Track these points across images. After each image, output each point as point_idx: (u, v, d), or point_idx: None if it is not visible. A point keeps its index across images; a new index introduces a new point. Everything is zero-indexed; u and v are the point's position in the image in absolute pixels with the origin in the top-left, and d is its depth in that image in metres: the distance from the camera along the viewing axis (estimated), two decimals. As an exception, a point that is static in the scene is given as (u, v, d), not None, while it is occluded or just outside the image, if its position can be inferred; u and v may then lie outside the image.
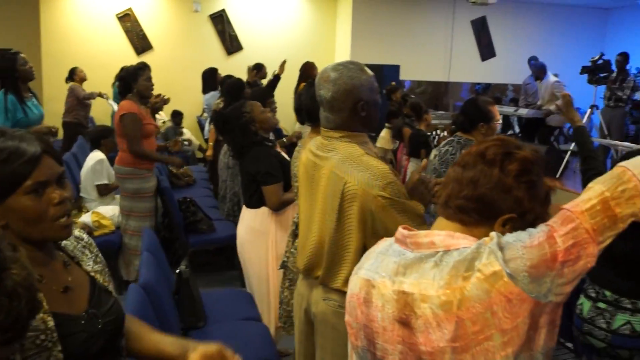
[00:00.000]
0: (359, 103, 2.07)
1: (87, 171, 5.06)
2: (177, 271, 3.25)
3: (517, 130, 9.95)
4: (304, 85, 3.29)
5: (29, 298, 1.08)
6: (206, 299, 3.38)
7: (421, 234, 1.31)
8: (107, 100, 8.52)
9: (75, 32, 9.68)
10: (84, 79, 8.29)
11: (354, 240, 2.04)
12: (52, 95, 9.19)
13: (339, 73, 2.06)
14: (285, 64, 7.30)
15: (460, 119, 3.60)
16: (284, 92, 7.70)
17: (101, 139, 5.18)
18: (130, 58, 9.01)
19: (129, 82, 4.56)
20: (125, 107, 4.47)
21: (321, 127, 2.19)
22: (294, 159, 3.15)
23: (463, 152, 1.39)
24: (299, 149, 3.08)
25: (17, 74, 4.22)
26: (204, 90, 7.79)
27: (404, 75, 10.24)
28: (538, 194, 1.29)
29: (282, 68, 7.24)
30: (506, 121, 10.05)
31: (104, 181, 5.03)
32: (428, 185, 2.16)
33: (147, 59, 7.47)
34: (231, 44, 10.50)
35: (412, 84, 11.06)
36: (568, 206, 1.21)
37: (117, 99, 6.74)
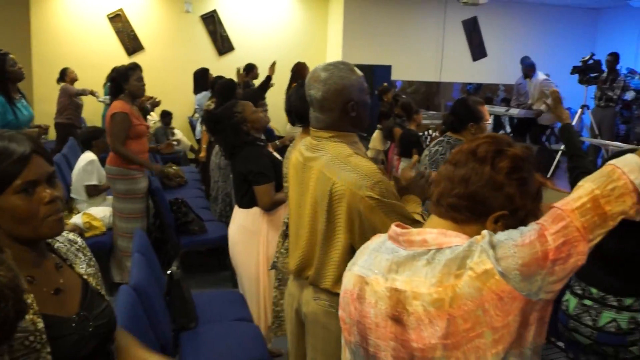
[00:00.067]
0: (349, 103, 2.06)
1: (78, 172, 5.04)
2: (169, 272, 3.25)
3: (508, 130, 9.99)
4: (295, 85, 3.29)
5: (16, 300, 1.07)
6: (198, 300, 3.37)
7: (414, 232, 1.32)
8: (97, 98, 8.48)
9: (66, 33, 9.63)
10: (75, 79, 8.31)
11: (343, 240, 2.03)
12: (42, 96, 9.19)
13: (330, 73, 2.06)
14: (275, 65, 7.30)
15: (450, 119, 3.61)
16: (276, 93, 7.69)
17: (92, 140, 5.18)
18: (121, 58, 8.98)
19: (119, 83, 4.56)
20: (116, 107, 4.48)
21: (311, 127, 2.18)
22: (286, 159, 3.15)
23: (454, 150, 1.40)
24: (291, 149, 3.07)
25: (7, 75, 4.19)
26: (195, 91, 7.79)
27: (395, 76, 10.24)
28: (529, 190, 1.30)
29: (273, 69, 7.24)
30: (497, 121, 10.09)
31: (93, 182, 5.01)
32: (428, 178, 2.16)
33: (138, 59, 7.43)
34: (222, 44, 10.48)
35: (404, 83, 11.07)
36: (559, 204, 1.21)
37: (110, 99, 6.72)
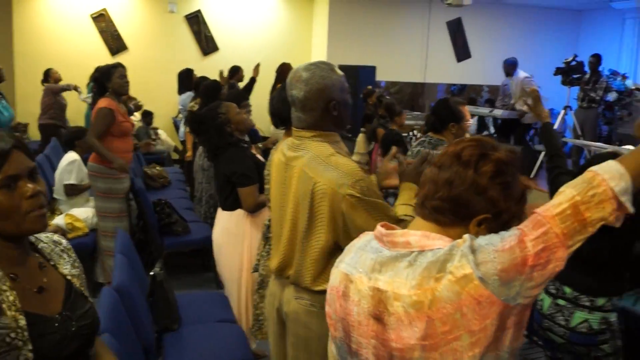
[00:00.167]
0: (331, 102, 2.07)
1: (59, 172, 5.01)
2: (152, 273, 3.24)
3: (492, 131, 10.03)
4: (279, 87, 3.28)
5: None
6: (181, 301, 3.37)
7: (398, 233, 1.33)
8: (79, 95, 8.44)
9: (49, 32, 9.55)
10: (59, 79, 8.29)
11: (323, 239, 2.04)
12: (25, 95, 9.15)
13: (311, 73, 2.07)
14: (259, 67, 7.30)
15: (432, 119, 3.63)
16: (260, 94, 7.68)
17: (75, 140, 5.15)
18: (104, 58, 8.91)
19: (103, 82, 4.56)
20: (103, 102, 4.47)
21: (293, 127, 2.19)
22: (269, 161, 3.14)
23: (440, 152, 1.40)
24: (274, 151, 3.07)
25: None
26: (179, 91, 7.77)
27: (380, 76, 10.27)
28: (513, 194, 1.30)
29: (257, 71, 7.26)
30: (481, 122, 10.14)
31: (71, 181, 4.97)
32: (431, 161, 2.12)
33: (122, 59, 7.38)
34: (207, 44, 10.43)
35: (387, 83, 11.09)
36: (539, 210, 1.22)
37: (92, 98, 6.69)
